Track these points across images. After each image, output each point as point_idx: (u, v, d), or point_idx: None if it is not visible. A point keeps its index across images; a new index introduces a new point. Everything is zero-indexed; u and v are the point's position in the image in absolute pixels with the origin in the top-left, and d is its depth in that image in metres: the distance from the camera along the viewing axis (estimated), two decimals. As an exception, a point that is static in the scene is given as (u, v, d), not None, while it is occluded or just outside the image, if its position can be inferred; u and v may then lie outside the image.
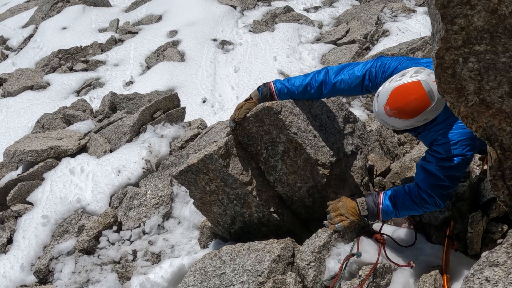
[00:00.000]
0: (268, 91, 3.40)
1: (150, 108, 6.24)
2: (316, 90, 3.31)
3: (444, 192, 2.89)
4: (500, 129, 2.06)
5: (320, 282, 2.88)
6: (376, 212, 3.01)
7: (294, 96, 3.40)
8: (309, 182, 3.41)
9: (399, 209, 2.99)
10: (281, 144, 3.34)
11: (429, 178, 2.88)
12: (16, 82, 9.81)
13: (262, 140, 3.38)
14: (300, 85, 3.35)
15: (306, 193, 3.44)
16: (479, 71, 1.93)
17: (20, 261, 4.54)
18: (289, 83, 3.39)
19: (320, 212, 3.49)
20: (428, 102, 2.63)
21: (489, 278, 1.63)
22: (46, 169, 5.61)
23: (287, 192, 3.47)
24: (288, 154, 3.35)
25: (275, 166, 3.41)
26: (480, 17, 1.80)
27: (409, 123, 2.75)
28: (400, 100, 2.68)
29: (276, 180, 3.45)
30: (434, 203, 2.91)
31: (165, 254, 4.28)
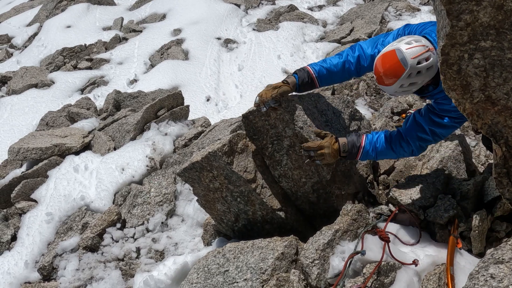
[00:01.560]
0: (307, 75, 3.29)
1: (154, 106, 6.25)
2: (355, 66, 3.29)
3: (423, 144, 3.14)
4: (506, 126, 2.05)
5: (324, 280, 2.88)
6: (355, 154, 3.20)
7: (334, 77, 3.34)
8: (313, 177, 3.40)
9: (377, 154, 3.20)
10: (286, 138, 3.33)
11: (415, 129, 3.08)
12: (21, 80, 9.84)
13: (268, 134, 3.37)
14: (338, 63, 3.30)
15: (311, 188, 3.44)
16: (485, 68, 1.92)
17: (24, 258, 4.55)
18: (327, 63, 3.32)
19: (324, 208, 3.49)
20: (401, 68, 2.80)
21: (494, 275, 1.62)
22: (50, 166, 5.62)
23: (292, 188, 3.47)
24: (293, 148, 3.34)
25: (280, 161, 3.40)
26: (486, 13, 1.79)
27: (393, 89, 2.94)
28: (379, 70, 2.92)
29: (281, 175, 3.44)
30: (410, 152, 3.16)
31: (168, 252, 4.28)
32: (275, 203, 3.48)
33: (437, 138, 3.11)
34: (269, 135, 3.37)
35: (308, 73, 3.29)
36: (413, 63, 2.77)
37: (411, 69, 2.79)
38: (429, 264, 2.94)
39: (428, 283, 2.80)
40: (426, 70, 2.83)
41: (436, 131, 3.05)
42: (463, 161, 3.96)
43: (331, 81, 3.41)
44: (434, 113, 3.02)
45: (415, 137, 3.09)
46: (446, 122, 3.00)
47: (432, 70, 2.84)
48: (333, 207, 3.46)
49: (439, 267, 2.91)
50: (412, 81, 2.87)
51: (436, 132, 3.06)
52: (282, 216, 3.48)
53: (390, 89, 2.95)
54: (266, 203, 3.45)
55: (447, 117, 2.98)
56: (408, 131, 3.12)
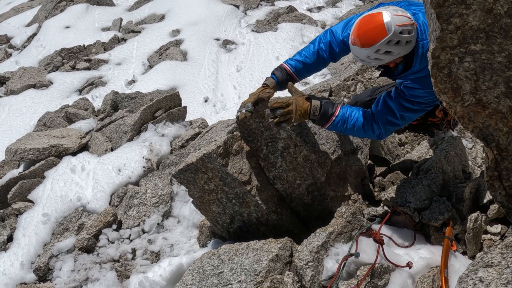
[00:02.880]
0: (285, 73, 3.33)
1: (151, 107, 6.25)
2: (328, 53, 3.30)
3: (391, 128, 3.13)
4: (497, 129, 2.05)
5: (318, 282, 2.88)
6: (325, 122, 3.11)
7: (311, 68, 3.36)
8: (308, 179, 3.40)
9: (346, 129, 3.14)
10: (281, 140, 3.33)
11: (385, 112, 3.07)
12: (19, 80, 9.84)
13: (262, 136, 3.38)
14: (312, 53, 3.32)
15: (306, 190, 3.44)
16: (475, 71, 1.92)
17: (20, 258, 4.55)
18: (302, 56, 3.35)
19: (319, 210, 3.49)
20: (384, 32, 2.75)
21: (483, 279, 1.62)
22: (47, 167, 5.61)
23: (287, 190, 3.47)
24: (288, 150, 3.34)
25: (275, 162, 3.40)
26: (476, 16, 1.79)
27: (367, 53, 2.86)
28: (360, 29, 2.85)
29: (275, 177, 3.44)
30: (378, 134, 3.15)
31: (164, 253, 4.28)
32: (270, 205, 3.48)
33: (405, 122, 3.13)
34: (263, 137, 3.37)
35: (285, 71, 3.33)
36: (397, 30, 2.75)
37: (393, 36, 2.77)
38: (423, 267, 2.93)
39: (422, 286, 2.79)
40: (405, 43, 2.83)
41: (405, 116, 3.07)
42: (459, 163, 3.97)
43: (309, 72, 3.43)
44: (405, 98, 3.01)
45: (385, 121, 3.09)
46: (416, 107, 3.01)
47: (409, 46, 2.84)
48: (327, 209, 3.47)
49: (433, 269, 2.90)
50: (388, 50, 2.84)
51: (405, 117, 3.07)
52: (277, 218, 3.48)
53: (363, 52, 2.88)
54: (261, 205, 3.45)
55: (417, 103, 2.98)
56: (378, 114, 3.10)
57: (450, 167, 3.79)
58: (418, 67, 2.95)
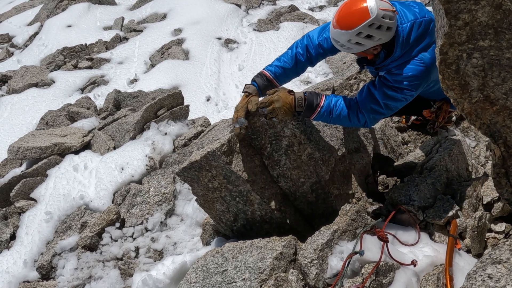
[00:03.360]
0: (265, 79, 3.36)
1: (154, 106, 6.24)
2: (306, 57, 3.33)
3: (376, 117, 3.14)
4: (504, 126, 2.04)
5: (323, 280, 2.87)
6: (311, 113, 3.12)
7: (289, 73, 3.39)
8: (312, 177, 3.40)
9: (333, 119, 3.16)
10: (285, 138, 3.33)
11: (369, 101, 3.08)
12: (21, 79, 9.84)
13: (266, 134, 3.37)
14: (290, 58, 3.35)
15: (309, 188, 3.43)
16: (483, 67, 1.91)
17: (23, 257, 4.54)
18: (281, 62, 3.38)
19: (323, 208, 3.48)
20: (367, 15, 2.79)
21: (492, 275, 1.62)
22: (50, 165, 5.61)
23: (290, 188, 3.46)
24: (292, 148, 3.34)
25: (279, 160, 3.40)
26: (485, 12, 1.79)
27: (348, 36, 2.88)
28: (343, 11, 2.88)
29: (279, 175, 3.44)
30: (363, 123, 3.16)
31: (167, 251, 4.28)
32: (274, 203, 3.48)
33: (390, 111, 3.13)
34: (267, 135, 3.37)
35: (265, 76, 3.37)
36: (379, 14, 2.78)
37: (375, 19, 2.79)
38: (428, 265, 2.93)
39: (426, 284, 2.79)
40: (386, 29, 2.85)
41: (389, 105, 3.07)
42: (463, 162, 3.97)
43: (289, 77, 3.46)
44: (388, 86, 3.02)
45: (369, 109, 3.10)
46: (400, 96, 3.02)
47: (390, 33, 2.87)
48: (331, 207, 3.46)
49: (438, 267, 2.90)
50: (370, 34, 2.85)
51: (389, 106, 3.08)
52: (281, 216, 3.47)
53: (344, 35, 2.90)
54: (265, 203, 3.44)
55: (400, 90, 2.99)
56: (363, 103, 3.11)
57: (454, 165, 3.78)
58: (399, 53, 2.98)
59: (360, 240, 2.90)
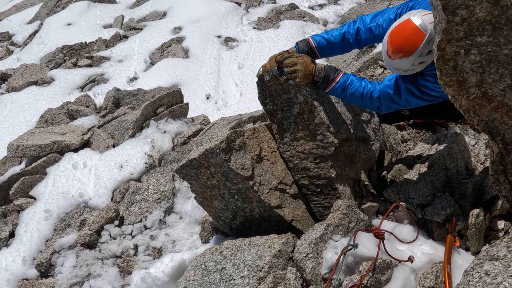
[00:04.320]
0: (307, 45, 3.37)
1: (153, 104, 6.24)
2: (354, 37, 3.33)
3: (392, 106, 3.18)
4: (502, 122, 2.03)
5: (320, 274, 2.87)
6: (326, 86, 3.19)
7: (334, 48, 3.40)
8: (317, 150, 3.40)
9: (346, 96, 3.21)
10: (297, 105, 3.33)
11: (393, 90, 3.10)
12: (21, 77, 9.85)
13: (279, 100, 3.39)
14: (338, 34, 3.35)
15: (313, 161, 3.43)
16: (481, 64, 1.91)
17: (22, 254, 4.55)
18: (328, 34, 3.39)
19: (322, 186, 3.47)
20: (422, 34, 2.77)
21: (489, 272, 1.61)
22: (49, 163, 5.61)
23: (294, 159, 3.48)
24: (302, 116, 3.35)
25: (287, 129, 3.42)
26: (482, 8, 1.78)
27: (411, 60, 2.88)
28: (396, 40, 2.85)
29: (285, 144, 3.46)
30: (377, 108, 3.22)
31: (166, 249, 4.28)
32: (273, 201, 3.47)
33: (407, 105, 3.15)
34: (280, 100, 3.38)
35: (308, 44, 3.37)
36: (431, 28, 2.72)
37: (430, 35, 2.75)
38: (426, 262, 2.92)
39: (425, 281, 2.79)
40: None
41: (410, 101, 3.09)
42: (462, 160, 3.96)
43: (332, 51, 3.46)
44: (416, 86, 3.02)
45: (389, 98, 3.12)
46: (426, 97, 3.03)
47: None
48: (331, 185, 3.45)
49: (437, 265, 2.90)
50: (430, 49, 2.81)
51: (409, 102, 3.09)
52: (280, 214, 3.46)
53: (407, 61, 2.90)
54: (264, 201, 3.44)
55: (426, 94, 3.00)
56: (384, 90, 3.13)
57: (453, 163, 3.78)
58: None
59: (354, 236, 2.90)
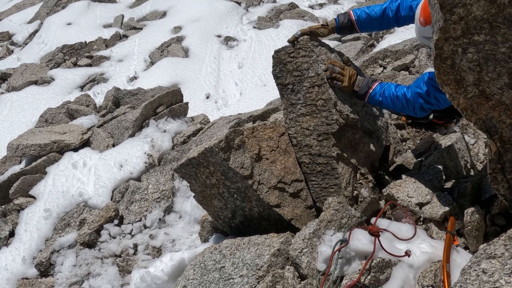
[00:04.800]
0: (347, 18, 3.42)
1: (153, 103, 6.25)
2: (394, 13, 3.35)
3: (425, 106, 3.18)
4: (500, 121, 2.03)
5: (316, 269, 2.87)
6: (364, 95, 3.34)
7: (374, 22, 3.44)
8: (321, 127, 3.42)
9: (383, 102, 3.31)
10: (307, 79, 3.39)
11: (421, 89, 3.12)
12: (21, 77, 9.86)
13: (292, 74, 3.44)
14: (379, 9, 3.39)
15: (316, 139, 3.46)
16: (479, 62, 1.91)
17: (21, 254, 4.55)
18: (368, 9, 3.43)
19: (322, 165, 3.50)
20: None
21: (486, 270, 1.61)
22: (49, 163, 5.62)
23: (298, 136, 3.52)
24: (311, 91, 3.40)
25: (295, 104, 3.47)
26: (479, 6, 1.78)
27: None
28: (427, 8, 2.80)
29: (292, 119, 3.51)
30: (412, 110, 3.23)
31: (165, 248, 4.28)
32: (272, 199, 3.47)
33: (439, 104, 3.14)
34: (293, 75, 3.44)
35: (348, 16, 3.43)
36: None
37: None
38: (425, 261, 2.92)
39: (424, 280, 2.78)
40: None
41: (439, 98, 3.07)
42: (461, 159, 3.96)
43: (371, 27, 3.50)
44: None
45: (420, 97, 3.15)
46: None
47: None
48: (330, 165, 3.46)
49: (435, 264, 2.89)
50: None
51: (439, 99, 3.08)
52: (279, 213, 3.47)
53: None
54: (263, 200, 3.44)
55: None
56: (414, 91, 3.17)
57: (452, 162, 3.78)
58: None
59: (349, 233, 2.90)
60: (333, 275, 2.75)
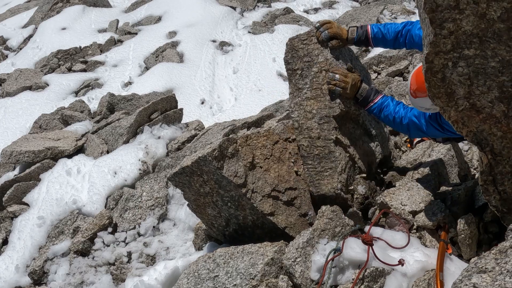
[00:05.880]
0: (364, 34, 3.49)
1: (147, 109, 6.24)
2: (404, 39, 3.43)
3: (419, 134, 3.35)
4: (491, 133, 2.05)
5: (310, 278, 2.88)
6: (366, 104, 3.42)
7: (387, 43, 3.51)
8: (323, 110, 3.49)
9: (381, 117, 3.43)
10: (316, 65, 3.47)
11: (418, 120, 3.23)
12: (15, 82, 9.83)
13: (302, 60, 3.52)
14: (393, 32, 3.46)
15: (317, 123, 3.51)
16: (469, 76, 1.92)
17: (15, 262, 4.53)
18: (384, 28, 3.49)
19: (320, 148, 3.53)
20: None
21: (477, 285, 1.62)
22: (43, 170, 5.61)
23: (300, 120, 3.55)
24: (318, 76, 3.47)
25: (302, 89, 3.53)
26: (469, 21, 1.79)
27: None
28: (419, 81, 2.92)
29: (296, 104, 3.56)
30: (407, 133, 3.39)
31: (160, 256, 4.27)
32: (266, 208, 3.47)
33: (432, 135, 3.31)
34: (303, 60, 3.52)
35: (366, 33, 3.50)
36: None
37: None
38: (419, 270, 2.92)
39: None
40: None
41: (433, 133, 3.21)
42: (455, 166, 3.97)
43: (385, 45, 3.59)
44: (437, 122, 3.11)
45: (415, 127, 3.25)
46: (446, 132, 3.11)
47: None
48: (328, 148, 3.51)
49: (429, 272, 2.90)
50: None
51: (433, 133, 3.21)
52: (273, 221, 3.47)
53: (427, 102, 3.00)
54: (257, 208, 3.44)
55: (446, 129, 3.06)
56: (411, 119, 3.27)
57: (446, 169, 3.79)
58: None
59: (342, 242, 2.91)
60: (326, 284, 2.76)
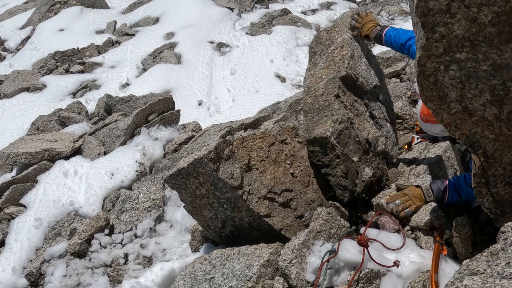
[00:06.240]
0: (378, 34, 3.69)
1: (145, 111, 6.25)
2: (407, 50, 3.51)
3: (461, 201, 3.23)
4: (483, 136, 2.06)
5: (305, 280, 2.89)
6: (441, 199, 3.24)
7: (395, 47, 3.65)
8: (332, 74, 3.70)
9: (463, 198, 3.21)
10: (334, 44, 3.84)
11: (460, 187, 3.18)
12: (12, 83, 9.83)
13: (324, 44, 3.92)
14: (399, 42, 3.57)
15: (324, 84, 3.69)
16: (461, 79, 1.94)
17: (12, 264, 4.53)
18: (397, 34, 3.61)
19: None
20: None
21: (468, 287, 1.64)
22: (40, 171, 5.61)
23: (310, 84, 3.79)
24: (333, 51, 3.80)
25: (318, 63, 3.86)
26: (460, 25, 1.81)
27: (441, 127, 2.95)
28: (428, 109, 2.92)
29: (311, 75, 3.83)
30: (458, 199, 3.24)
31: (156, 258, 4.28)
32: (262, 210, 3.48)
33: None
34: (325, 44, 3.91)
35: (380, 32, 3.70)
36: None
37: None
38: (414, 271, 2.94)
39: (412, 290, 2.80)
40: None
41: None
42: (451, 167, 3.98)
43: (392, 48, 3.72)
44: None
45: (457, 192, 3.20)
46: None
47: None
48: (329, 101, 3.62)
49: (424, 274, 2.91)
50: None
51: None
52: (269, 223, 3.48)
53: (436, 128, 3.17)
54: (253, 210, 3.44)
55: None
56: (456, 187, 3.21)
57: (442, 171, 3.80)
58: None
59: (338, 244, 2.92)
60: (322, 285, 2.77)
